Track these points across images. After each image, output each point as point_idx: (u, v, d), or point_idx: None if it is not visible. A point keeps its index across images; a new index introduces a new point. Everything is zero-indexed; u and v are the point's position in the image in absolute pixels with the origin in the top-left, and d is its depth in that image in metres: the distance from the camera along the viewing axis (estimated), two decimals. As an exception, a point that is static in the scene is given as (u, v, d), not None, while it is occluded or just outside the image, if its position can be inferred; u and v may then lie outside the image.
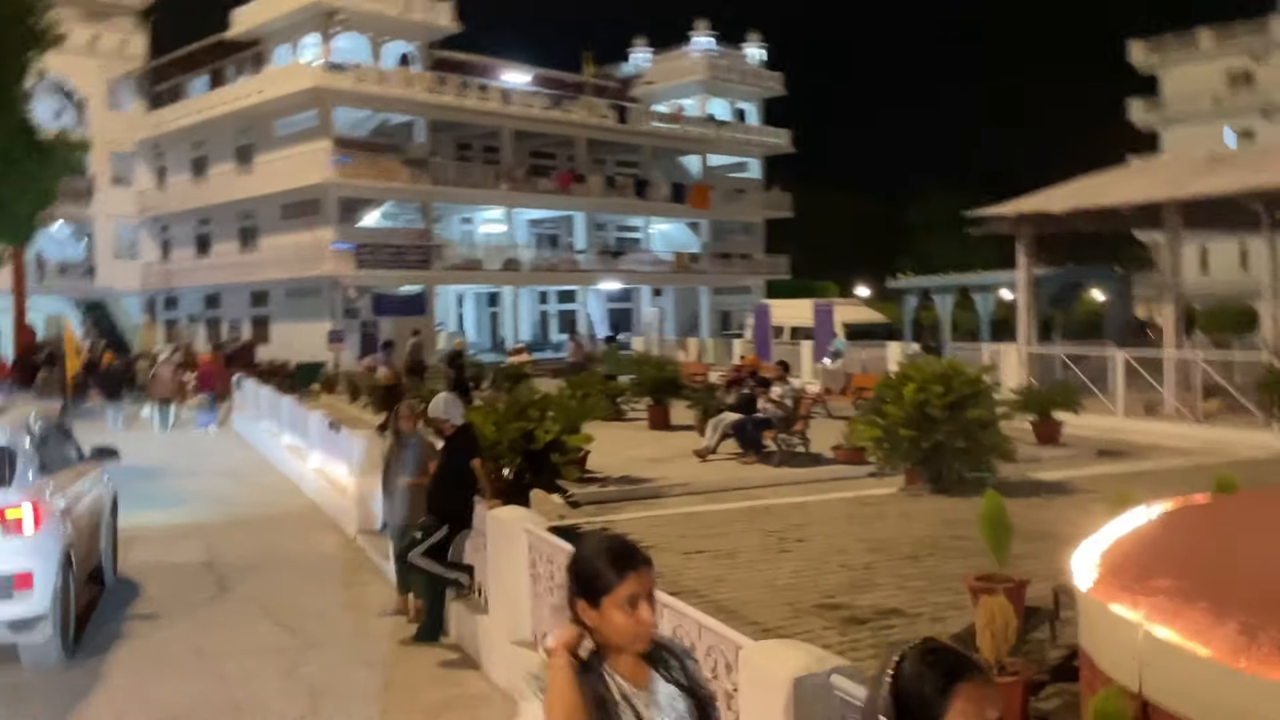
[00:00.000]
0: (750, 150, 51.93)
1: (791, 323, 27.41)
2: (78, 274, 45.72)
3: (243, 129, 41.65)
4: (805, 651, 3.60)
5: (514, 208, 42.88)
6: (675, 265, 47.57)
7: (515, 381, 21.75)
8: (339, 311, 37.16)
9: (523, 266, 42.43)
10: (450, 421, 7.29)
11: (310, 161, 37.48)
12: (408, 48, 41.07)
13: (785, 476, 12.79)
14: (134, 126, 46.33)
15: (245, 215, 42.25)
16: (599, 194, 44.56)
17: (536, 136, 44.76)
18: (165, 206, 45.72)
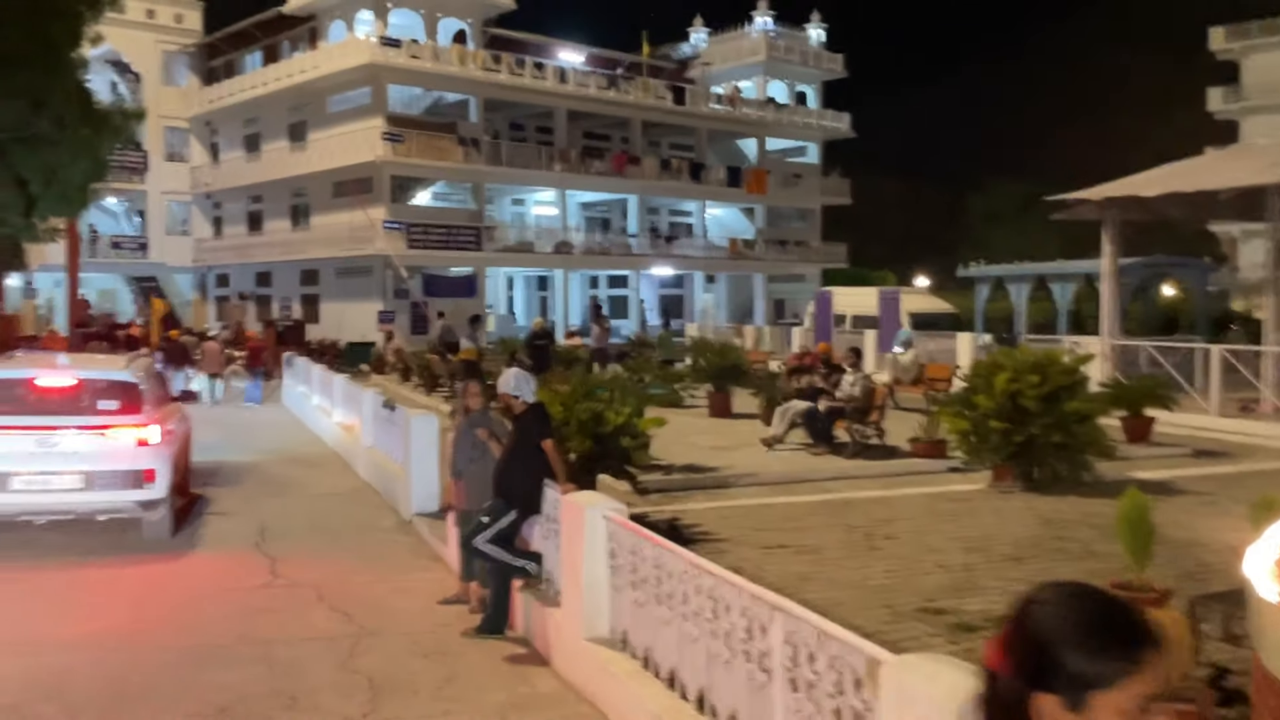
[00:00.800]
0: (809, 134, 51.08)
1: (854, 311, 26.70)
2: (130, 249, 46.38)
3: (296, 105, 41.73)
4: (964, 670, 3.07)
5: (566, 190, 42.52)
6: (729, 251, 46.97)
7: (569, 366, 21.53)
8: (389, 291, 37.05)
9: (574, 250, 42.08)
10: (521, 398, 6.83)
11: (363, 139, 37.40)
12: (462, 24, 40.78)
13: (859, 469, 12.21)
14: (188, 102, 46.82)
15: (297, 193, 42.37)
16: (653, 177, 44.05)
17: (591, 117, 44.35)
18: (217, 183, 46.03)
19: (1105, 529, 8.42)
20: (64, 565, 8.11)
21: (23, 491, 8.30)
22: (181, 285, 48.26)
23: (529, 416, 6.82)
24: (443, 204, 39.90)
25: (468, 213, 39.64)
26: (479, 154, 39.15)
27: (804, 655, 3.92)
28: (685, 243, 46.48)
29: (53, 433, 8.39)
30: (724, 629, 4.49)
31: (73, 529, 9.06)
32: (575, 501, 6.07)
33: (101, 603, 7.17)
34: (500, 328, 38.85)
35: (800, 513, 9.37)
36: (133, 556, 8.52)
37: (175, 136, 47.45)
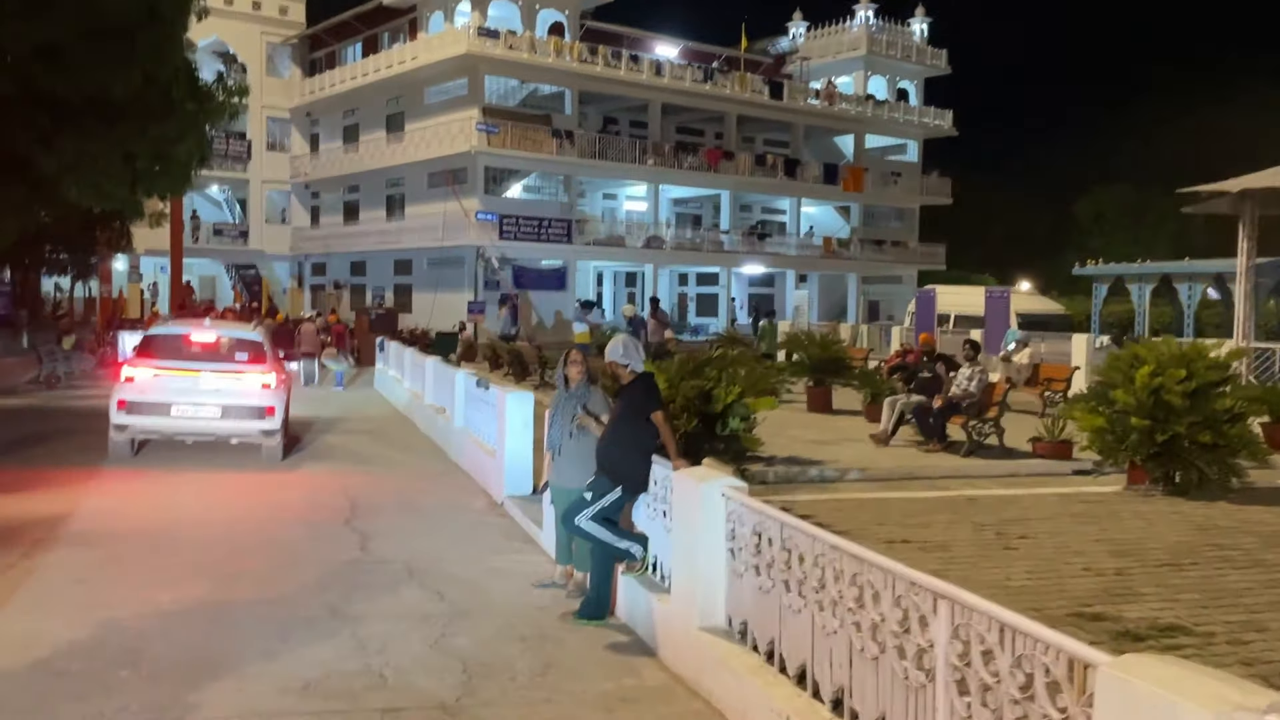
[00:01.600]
0: (909, 131, 49.80)
1: (958, 310, 25.65)
2: (231, 237, 47.41)
3: (394, 96, 42.11)
4: (1216, 678, 2.45)
5: (659, 184, 42.13)
6: (823, 250, 46.11)
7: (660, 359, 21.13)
8: (480, 282, 37.09)
9: (665, 245, 41.63)
10: (630, 367, 6.35)
11: (458, 130, 37.54)
12: (559, 16, 40.65)
13: (975, 468, 11.43)
14: (290, 93, 47.67)
15: (392, 183, 42.74)
16: (747, 173, 43.44)
17: (685, 111, 43.94)
18: (316, 173, 46.75)
19: (1270, 537, 7.59)
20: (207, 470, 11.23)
21: (178, 417, 11.40)
22: (279, 273, 49.16)
23: (638, 387, 6.32)
24: (534, 196, 39.85)
25: (559, 205, 39.52)
26: (572, 147, 38.97)
27: (977, 652, 3.32)
28: (778, 241, 45.78)
29: (200, 375, 11.49)
30: (871, 620, 3.92)
31: (212, 448, 12.19)
32: (690, 477, 5.54)
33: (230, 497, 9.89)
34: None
35: (921, 508, 8.70)
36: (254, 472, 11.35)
37: (277, 126, 48.36)
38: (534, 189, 40.08)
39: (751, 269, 45.52)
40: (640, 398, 6.27)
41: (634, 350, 6.40)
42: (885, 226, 49.05)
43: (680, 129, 45.81)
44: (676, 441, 6.26)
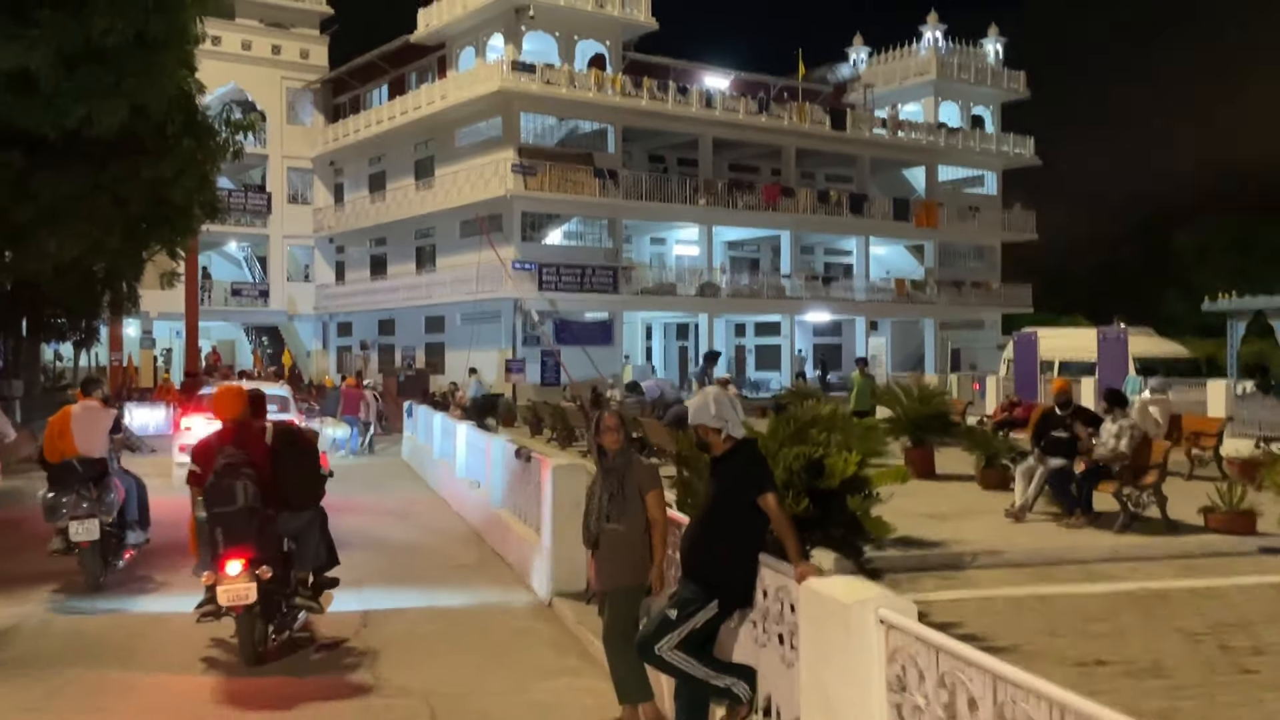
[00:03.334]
0: (987, 162, 48.60)
1: (1063, 355, 23.95)
2: (250, 297, 47.30)
3: (423, 140, 41.84)
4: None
5: (712, 225, 41.22)
6: (896, 294, 44.79)
7: None
8: (518, 338, 36.14)
9: (720, 292, 40.54)
10: (725, 432, 4.96)
11: (492, 173, 36.99)
12: (599, 48, 40.10)
13: (1136, 548, 9.83)
14: (312, 141, 47.67)
15: (422, 233, 42.37)
16: (808, 210, 42.43)
17: (738, 147, 43.23)
18: (341, 225, 46.56)
19: None
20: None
21: None
22: (303, 334, 48.99)
23: (739, 459, 4.93)
24: (576, 243, 39.11)
25: (603, 252, 38.74)
26: (616, 187, 38.20)
27: None
28: (844, 284, 44.58)
29: None
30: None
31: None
32: (827, 591, 4.09)
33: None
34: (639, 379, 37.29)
35: (1098, 609, 7.13)
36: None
37: (299, 177, 48.37)
38: (575, 235, 39.38)
39: (816, 316, 44.32)
40: (744, 474, 4.88)
41: (729, 408, 5.01)
42: (964, 266, 47.68)
43: (734, 166, 45.08)
44: (797, 534, 4.82)
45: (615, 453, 5.58)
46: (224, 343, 49.92)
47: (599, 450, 5.66)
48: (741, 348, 48.44)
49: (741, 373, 45.33)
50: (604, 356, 37.14)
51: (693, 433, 5.08)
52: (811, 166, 46.13)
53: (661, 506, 5.51)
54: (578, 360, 34.04)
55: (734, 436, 4.96)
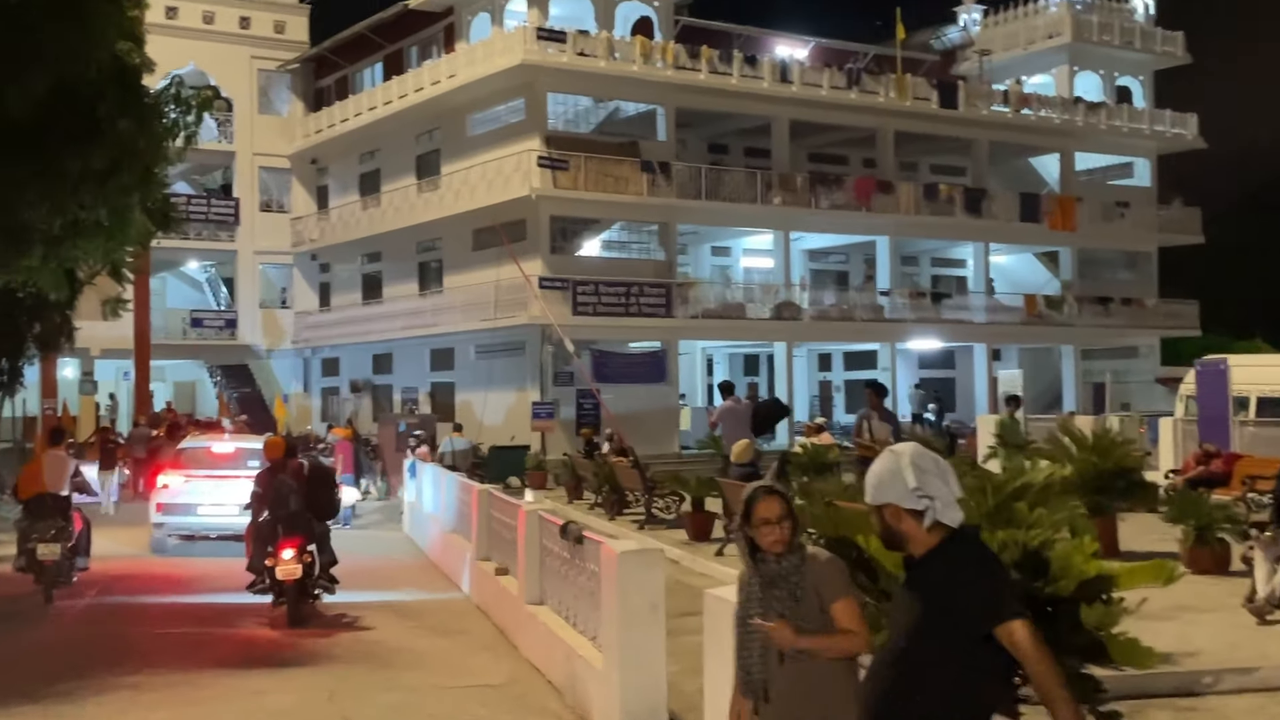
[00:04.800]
0: (1137, 146, 47.83)
1: (1261, 389, 22.64)
2: (214, 328, 47.29)
3: (426, 130, 41.77)
4: None
5: (789, 231, 40.81)
6: (1024, 313, 44.05)
7: (820, 473, 19.24)
8: (547, 375, 35.34)
9: (801, 314, 39.79)
10: (930, 513, 3.84)
11: (513, 168, 36.65)
12: (645, 10, 39.67)
13: None
14: (290, 134, 47.76)
15: (426, 246, 42.36)
16: (911, 210, 41.92)
17: (822, 131, 42.74)
18: (325, 238, 46.60)
19: None
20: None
21: (206, 515, 17.94)
22: (279, 373, 48.96)
23: (962, 565, 3.78)
24: (619, 255, 38.83)
25: (653, 266, 38.30)
26: (668, 183, 37.69)
27: None
28: (958, 302, 43.89)
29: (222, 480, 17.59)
30: None
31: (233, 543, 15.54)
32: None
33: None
34: (698, 428, 36.52)
35: None
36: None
37: (273, 180, 48.32)
38: (618, 244, 39.14)
39: (922, 344, 43.61)
40: (968, 588, 3.73)
41: (936, 477, 3.87)
42: (1111, 279, 47.04)
43: (816, 155, 44.55)
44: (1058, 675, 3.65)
45: (784, 556, 4.54)
46: (183, 385, 49.78)
47: (750, 549, 4.58)
48: (827, 384, 48.18)
49: (829, 415, 44.32)
50: (655, 396, 36.86)
51: (875, 518, 3.95)
52: (914, 155, 45.73)
53: (860, 620, 4.43)
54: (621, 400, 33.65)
55: (947, 524, 3.82)
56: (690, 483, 17.12)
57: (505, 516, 12.77)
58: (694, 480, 17.20)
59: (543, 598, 10.66)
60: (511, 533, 12.21)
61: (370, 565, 16.96)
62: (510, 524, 12.30)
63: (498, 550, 13.27)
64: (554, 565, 10.23)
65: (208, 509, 17.86)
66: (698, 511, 16.88)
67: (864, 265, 45.67)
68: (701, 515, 16.82)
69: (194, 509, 18.03)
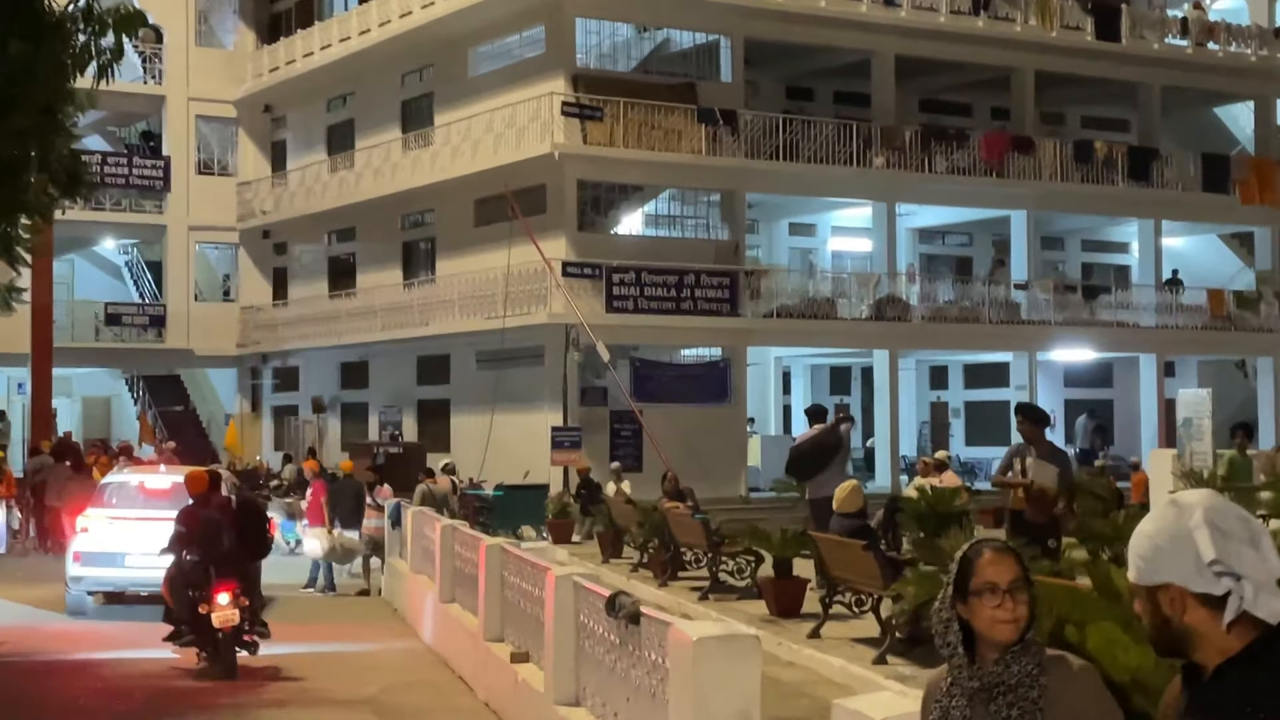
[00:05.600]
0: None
1: None
2: (136, 327, 47.55)
3: (415, 68, 42.20)
4: None
5: (894, 203, 40.71)
6: (1209, 314, 43.67)
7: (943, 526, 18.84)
8: (573, 393, 35.09)
9: (910, 313, 39.58)
10: (1241, 604, 3.25)
11: (529, 117, 36.66)
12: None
13: None
14: (236, 72, 48.17)
15: (414, 221, 42.87)
16: (1056, 176, 41.77)
17: (936, 69, 42.71)
18: (282, 209, 47.06)
19: None
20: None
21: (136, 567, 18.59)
22: (219, 387, 49.28)
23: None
24: (669, 232, 39.08)
25: (712, 248, 38.29)
26: (735, 139, 37.61)
27: None
28: (1118, 299, 43.62)
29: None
30: None
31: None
32: None
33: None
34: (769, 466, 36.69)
35: None
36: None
37: (214, 131, 48.80)
38: (666, 220, 39.38)
39: (1070, 353, 43.66)
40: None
41: (1247, 546, 3.28)
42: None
43: (929, 103, 44.63)
44: None
45: (1012, 647, 3.97)
46: (94, 402, 50.36)
47: (953, 648, 3.96)
48: (941, 406, 48.11)
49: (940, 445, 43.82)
50: (715, 421, 36.77)
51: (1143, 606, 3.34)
52: (1060, 102, 45.89)
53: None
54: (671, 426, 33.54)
55: (1259, 619, 3.21)
56: (772, 538, 16.56)
57: (526, 582, 12.60)
58: (777, 535, 16.62)
59: (579, 696, 10.54)
60: (535, 605, 12.16)
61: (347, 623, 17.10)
62: (533, 593, 12.19)
63: (514, 627, 13.15)
64: (596, 652, 10.06)
65: (138, 559, 18.13)
66: (783, 577, 16.33)
67: (992, 249, 45.62)
68: (789, 582, 16.31)
69: (121, 559, 18.58)
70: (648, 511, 21.59)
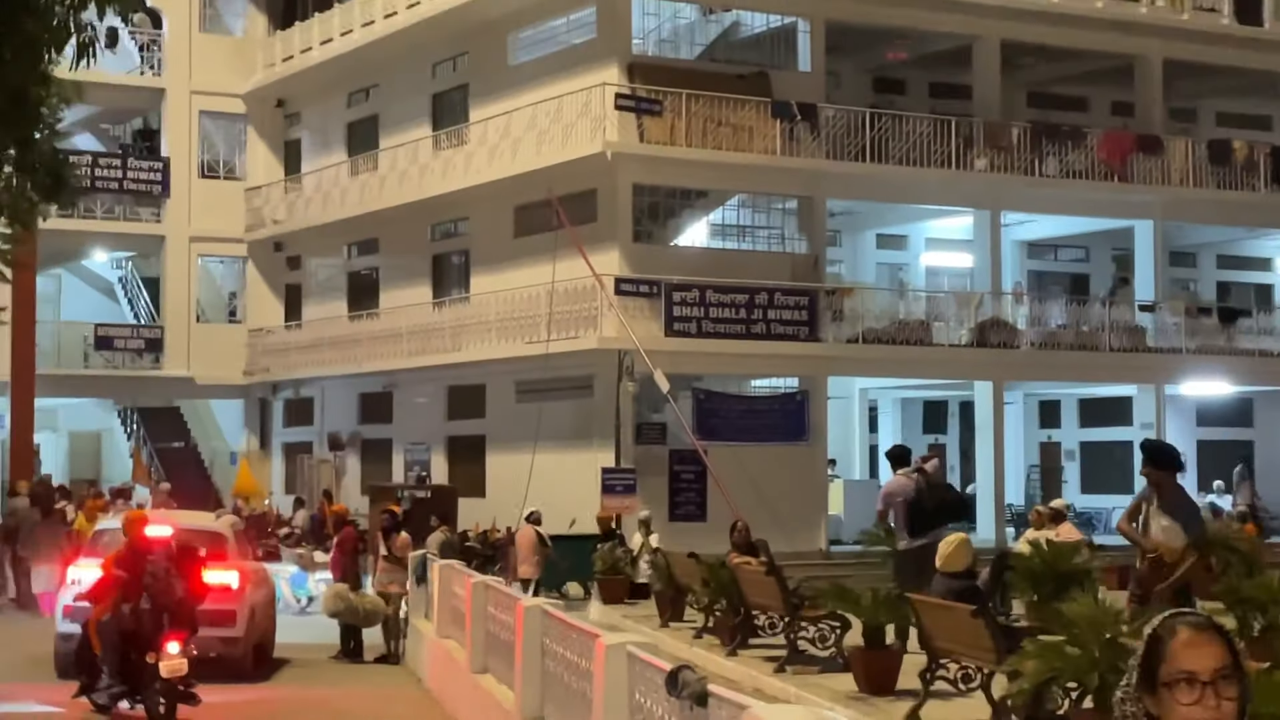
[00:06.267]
0: None
1: None
2: (130, 351, 47.70)
3: (448, 57, 42.61)
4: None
5: (999, 210, 40.49)
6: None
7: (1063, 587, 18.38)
8: (626, 429, 34.83)
9: (1018, 339, 39.38)
10: None
11: (577, 112, 36.71)
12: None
13: None
14: (246, 63, 48.47)
15: (445, 231, 43.28)
16: (1187, 182, 41.52)
17: (1049, 59, 43.15)
18: (295, 219, 47.28)
19: None
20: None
21: None
22: (222, 421, 49.58)
23: None
24: (738, 244, 39.18)
25: (790, 262, 38.20)
26: (814, 137, 37.58)
27: None
28: (1259, 324, 43.35)
29: None
30: None
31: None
32: None
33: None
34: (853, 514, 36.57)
35: None
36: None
37: (220, 130, 49.19)
38: (734, 230, 39.39)
39: (1203, 387, 43.28)
40: None
41: None
42: None
43: (1038, 96, 44.78)
44: None
45: None
46: (82, 437, 50.62)
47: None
48: (1053, 447, 47.73)
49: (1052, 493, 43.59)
50: (790, 462, 36.70)
51: None
52: (1193, 96, 46.02)
53: None
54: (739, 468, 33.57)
55: None
56: (861, 600, 15.98)
57: (571, 652, 12.13)
58: (867, 596, 16.03)
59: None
60: (581, 679, 11.66)
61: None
62: (579, 665, 11.69)
63: (556, 705, 12.76)
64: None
65: None
66: (874, 647, 15.75)
67: (1113, 265, 45.87)
68: (881, 654, 15.74)
69: None
70: (714, 569, 21.19)
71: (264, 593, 22.00)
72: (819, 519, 36.35)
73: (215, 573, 18.24)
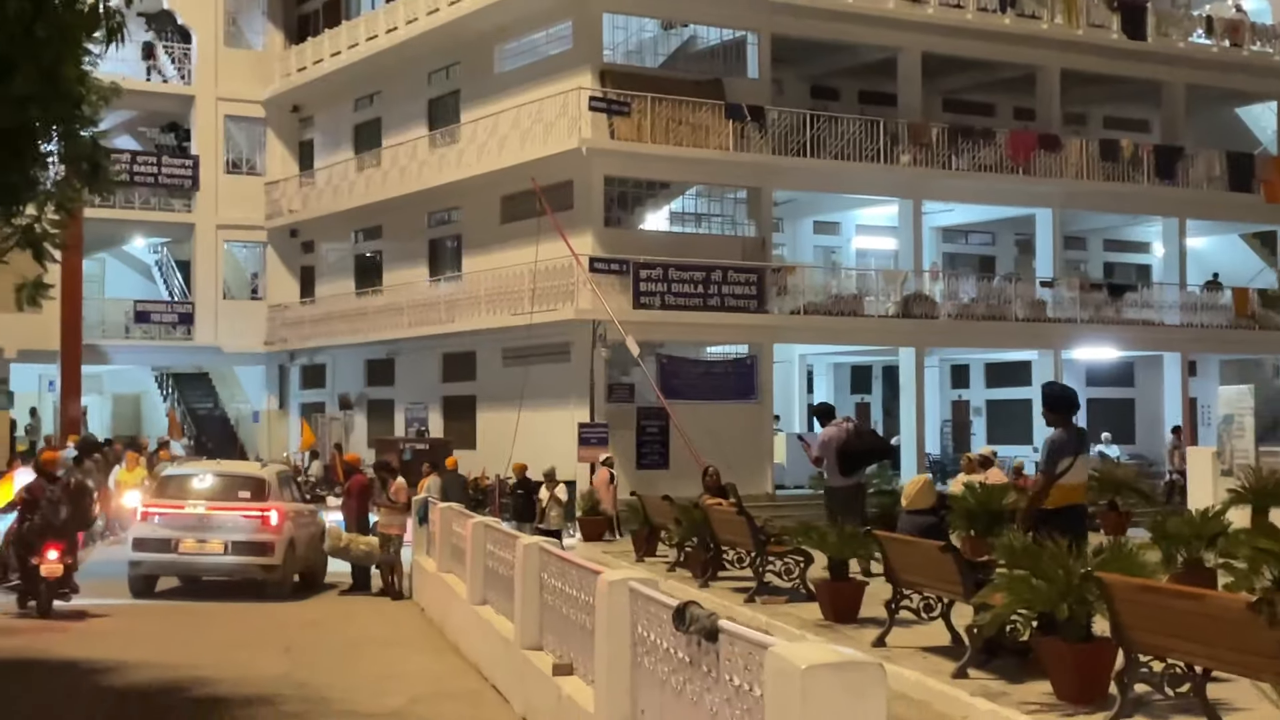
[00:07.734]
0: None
1: None
2: (165, 324, 47.54)
3: (442, 66, 42.16)
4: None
5: (920, 199, 40.03)
6: (1234, 313, 42.83)
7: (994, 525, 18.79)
8: (600, 389, 34.16)
9: (936, 310, 39.03)
10: None
11: (556, 113, 36.18)
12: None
13: None
14: (264, 73, 48.21)
15: (440, 219, 42.78)
16: (1081, 175, 41.12)
17: (963, 69, 42.13)
18: (309, 208, 47.17)
19: None
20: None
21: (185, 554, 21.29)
22: (246, 384, 49.47)
23: None
24: (696, 229, 38.61)
25: (740, 245, 37.72)
26: (762, 136, 36.92)
27: None
28: (1142, 299, 42.84)
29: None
30: None
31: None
32: None
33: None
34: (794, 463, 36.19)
35: None
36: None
37: (243, 133, 48.67)
38: (693, 217, 38.82)
39: (1094, 352, 42.79)
40: None
41: None
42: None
43: (954, 102, 43.94)
44: None
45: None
46: (124, 399, 50.62)
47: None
48: (963, 403, 47.55)
49: (962, 446, 43.88)
50: (741, 417, 36.24)
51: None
52: (1085, 102, 45.21)
53: None
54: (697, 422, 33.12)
55: None
56: (828, 536, 14.93)
57: (569, 586, 11.02)
58: (834, 534, 14.99)
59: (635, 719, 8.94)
60: (579, 611, 10.60)
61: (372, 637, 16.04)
62: (577, 598, 10.62)
63: (555, 634, 11.64)
64: (659, 671, 8.41)
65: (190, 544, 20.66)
66: (839, 579, 14.71)
67: (1014, 248, 45.76)
68: (846, 585, 14.71)
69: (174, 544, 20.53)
70: (686, 509, 20.35)
71: (309, 530, 22.18)
72: (765, 466, 35.99)
73: (254, 509, 20.47)
